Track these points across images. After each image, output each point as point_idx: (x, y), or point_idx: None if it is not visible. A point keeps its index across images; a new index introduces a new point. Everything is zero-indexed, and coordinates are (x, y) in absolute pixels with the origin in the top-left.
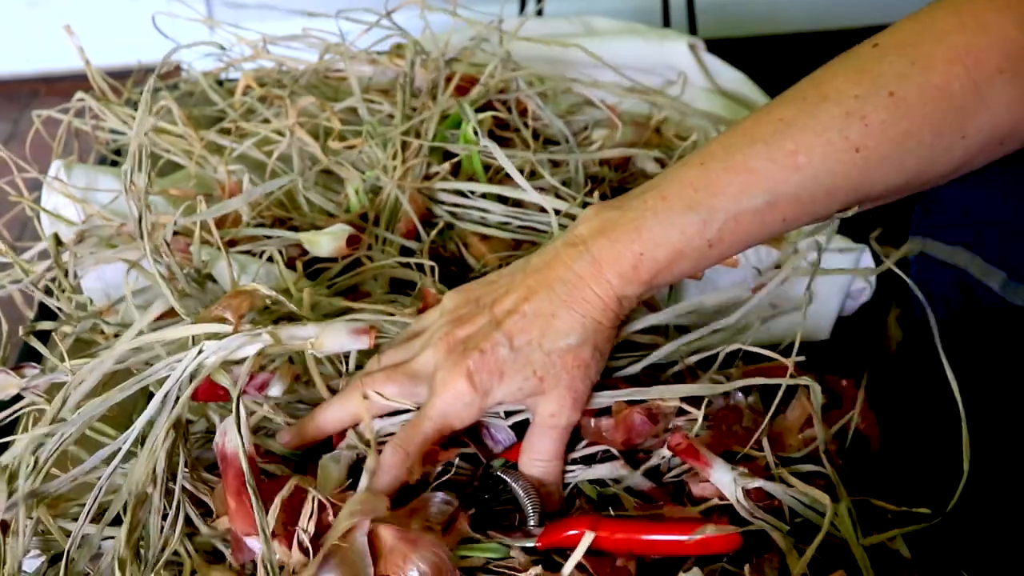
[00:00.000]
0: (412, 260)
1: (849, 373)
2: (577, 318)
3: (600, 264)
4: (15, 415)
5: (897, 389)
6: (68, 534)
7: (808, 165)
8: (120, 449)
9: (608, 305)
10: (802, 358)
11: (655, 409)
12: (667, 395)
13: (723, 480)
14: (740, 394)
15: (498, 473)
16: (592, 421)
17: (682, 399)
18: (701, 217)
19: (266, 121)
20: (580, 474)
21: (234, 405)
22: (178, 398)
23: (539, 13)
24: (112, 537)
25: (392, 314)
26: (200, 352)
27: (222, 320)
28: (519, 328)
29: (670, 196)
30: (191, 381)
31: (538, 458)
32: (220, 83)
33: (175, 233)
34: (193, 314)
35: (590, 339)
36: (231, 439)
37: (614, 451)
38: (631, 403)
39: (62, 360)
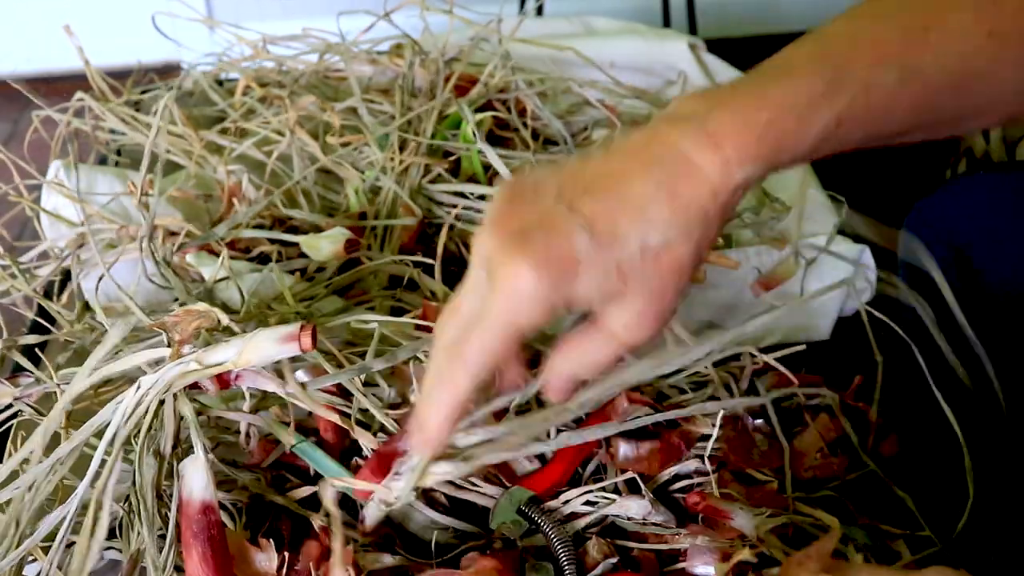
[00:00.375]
0: (410, 258)
1: (848, 373)
2: (680, 208)
3: (717, 137)
4: (6, 427)
5: (895, 387)
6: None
7: (940, 43)
8: (75, 505)
9: (720, 190)
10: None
11: (690, 433)
12: (707, 410)
13: (746, 526)
14: (751, 418)
15: (531, 515)
16: (631, 447)
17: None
18: (831, 86)
19: (266, 121)
20: (609, 509)
21: (195, 442)
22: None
23: (539, 12)
24: (112, 547)
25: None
26: (138, 388)
27: (167, 340)
28: (603, 213)
29: (794, 66)
30: (143, 416)
31: (579, 366)
32: (220, 83)
33: (175, 233)
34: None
35: (693, 235)
36: (190, 483)
37: (642, 487)
38: (667, 425)
39: (57, 369)
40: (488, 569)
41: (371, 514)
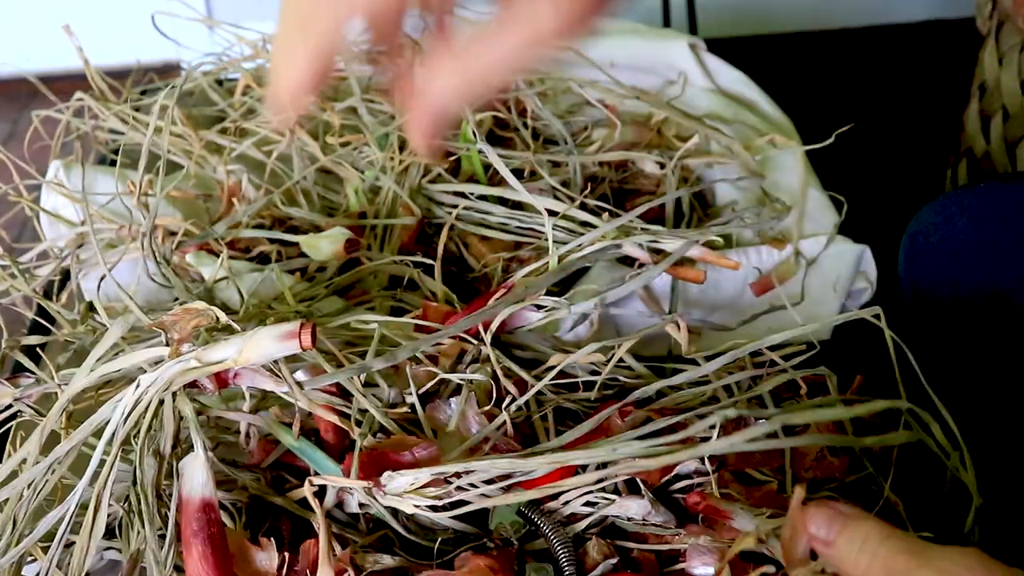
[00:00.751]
0: (410, 259)
1: (849, 373)
2: None
3: None
4: (5, 428)
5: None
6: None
7: None
8: (74, 504)
9: None
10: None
11: (690, 439)
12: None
13: (747, 527)
14: (752, 418)
15: (530, 516)
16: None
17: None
18: None
19: (265, 121)
20: (608, 509)
21: (195, 440)
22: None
23: None
24: (111, 547)
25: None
26: (137, 387)
27: (166, 339)
28: None
29: None
30: (143, 415)
31: (481, 68)
32: (220, 83)
33: (174, 233)
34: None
35: None
36: (190, 481)
37: (642, 487)
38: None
39: (58, 369)
40: (482, 568)
41: None
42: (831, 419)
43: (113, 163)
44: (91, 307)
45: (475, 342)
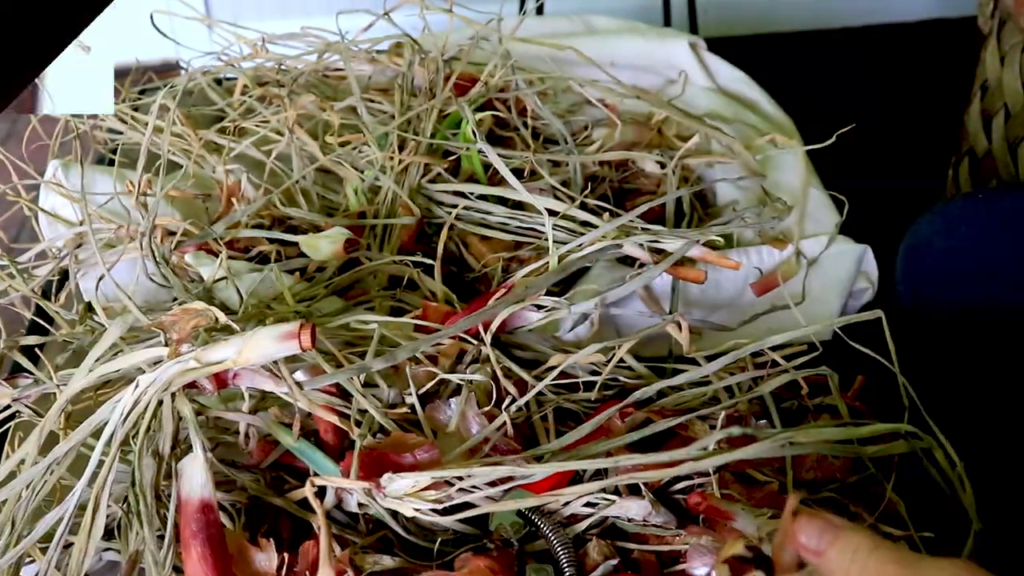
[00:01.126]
0: (409, 259)
1: (851, 372)
2: None
3: None
4: (4, 428)
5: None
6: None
7: None
8: (73, 504)
9: None
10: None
11: (693, 436)
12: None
13: (748, 528)
14: (753, 418)
15: (531, 517)
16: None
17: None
18: None
19: (265, 121)
20: (609, 510)
21: (194, 440)
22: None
23: (539, 11)
24: (110, 548)
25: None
26: (136, 387)
27: (165, 340)
28: None
29: None
30: (142, 414)
31: None
32: (219, 82)
33: (173, 233)
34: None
35: None
36: (189, 482)
37: (643, 488)
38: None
39: (56, 370)
40: (483, 569)
41: None
42: (834, 439)
43: (112, 163)
44: (90, 307)
45: (475, 342)
